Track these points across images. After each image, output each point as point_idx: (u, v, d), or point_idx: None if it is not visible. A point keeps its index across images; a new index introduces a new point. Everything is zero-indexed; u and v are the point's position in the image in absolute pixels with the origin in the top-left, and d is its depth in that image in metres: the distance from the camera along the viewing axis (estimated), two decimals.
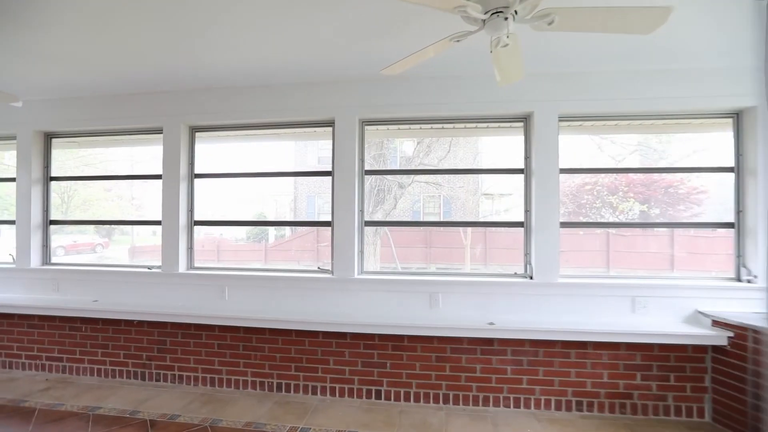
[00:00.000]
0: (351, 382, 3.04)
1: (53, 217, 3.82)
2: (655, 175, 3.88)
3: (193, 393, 3.15)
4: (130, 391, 3.19)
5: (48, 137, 3.78)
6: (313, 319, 2.95)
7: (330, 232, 3.22)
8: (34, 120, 3.66)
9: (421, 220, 6.80)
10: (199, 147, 3.53)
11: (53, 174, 3.81)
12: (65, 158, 4.13)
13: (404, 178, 6.33)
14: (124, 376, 3.38)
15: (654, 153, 3.85)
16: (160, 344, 3.31)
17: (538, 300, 2.96)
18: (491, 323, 2.81)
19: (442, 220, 6.65)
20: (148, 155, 3.82)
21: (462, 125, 3.29)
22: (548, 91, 2.96)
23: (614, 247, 4.58)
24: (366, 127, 3.27)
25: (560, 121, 2.99)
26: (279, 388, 3.12)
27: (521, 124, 3.16)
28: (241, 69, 2.94)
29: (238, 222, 3.97)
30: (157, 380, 3.32)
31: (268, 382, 3.13)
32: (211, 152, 3.61)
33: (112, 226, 4.59)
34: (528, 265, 3.08)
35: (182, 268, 3.39)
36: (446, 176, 6.61)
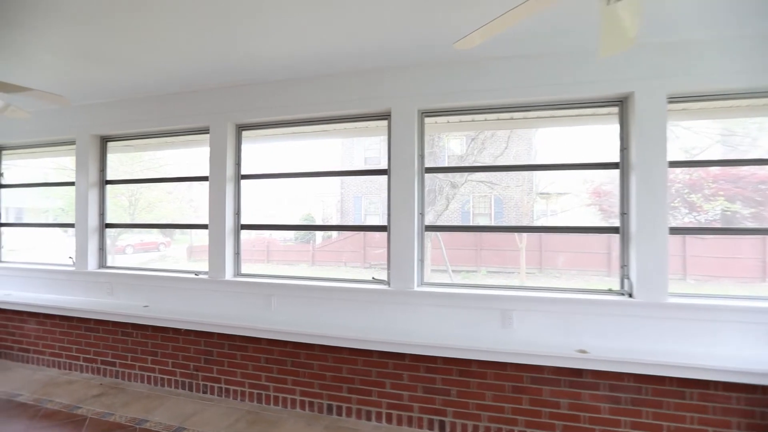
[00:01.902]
0: (410, 410, 2.66)
1: (121, 219, 3.85)
2: (743, 169, 3.20)
3: (240, 410, 2.93)
4: (177, 402, 3.05)
5: (104, 141, 3.80)
6: (366, 336, 2.61)
7: (383, 236, 2.88)
8: (91, 124, 3.68)
9: (471, 222, 6.31)
10: (245, 147, 3.34)
11: (108, 177, 3.83)
12: (131, 162, 4.17)
13: (457, 177, 5.85)
14: (172, 386, 3.26)
15: (744, 141, 3.10)
16: (207, 354, 3.14)
17: (640, 323, 2.41)
18: (582, 350, 2.31)
19: (494, 223, 6.07)
20: (202, 157, 3.73)
21: (536, 114, 2.79)
22: (654, 65, 2.40)
23: (691, 251, 3.99)
24: (426, 119, 2.88)
25: (669, 102, 2.41)
26: (329, 410, 2.82)
27: (615, 108, 2.61)
28: (289, 60, 2.68)
29: (286, 226, 3.75)
30: (204, 392, 3.16)
31: (318, 402, 2.84)
32: (257, 152, 3.41)
33: (189, 229, 4.59)
34: (625, 280, 2.53)
35: (229, 275, 3.21)
36: (500, 175, 6.06)
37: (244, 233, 3.35)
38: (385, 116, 2.93)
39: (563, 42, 2.39)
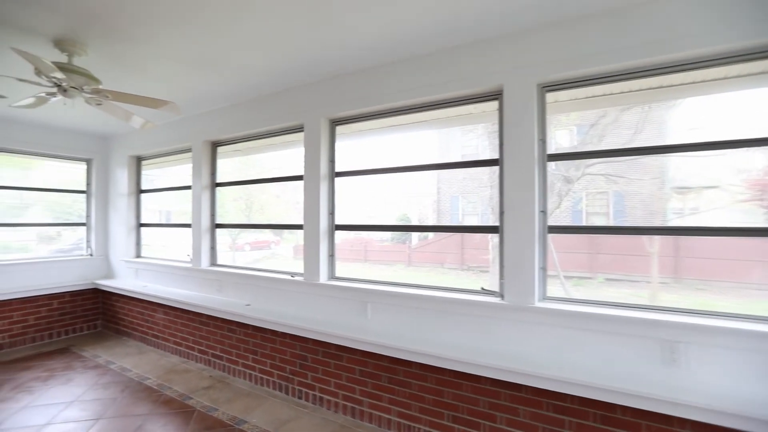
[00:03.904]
0: None
1: (239, 221, 4.13)
2: None
3: (333, 422, 2.75)
4: (274, 405, 3.00)
5: (214, 146, 4.05)
6: (475, 359, 2.18)
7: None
8: (203, 131, 3.95)
9: (584, 222, 5.31)
10: (339, 145, 3.18)
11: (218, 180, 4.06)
12: (245, 168, 4.44)
13: (572, 170, 5.01)
14: (270, 386, 3.24)
15: None
16: (302, 359, 3.04)
17: None
18: None
19: (612, 223, 5.01)
20: (301, 158, 3.74)
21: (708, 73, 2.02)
22: None
23: None
24: (547, 95, 2.33)
25: None
26: None
27: None
28: (383, 41, 2.40)
29: (384, 227, 3.50)
30: (299, 397, 3.06)
31: (416, 428, 2.49)
32: (351, 149, 3.23)
33: (285, 229, 4.79)
34: None
35: (323, 278, 3.07)
36: (623, 167, 5.00)
37: (339, 234, 3.20)
38: (495, 95, 2.46)
39: None
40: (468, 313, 2.41)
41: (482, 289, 2.49)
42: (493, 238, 3.42)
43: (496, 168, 2.47)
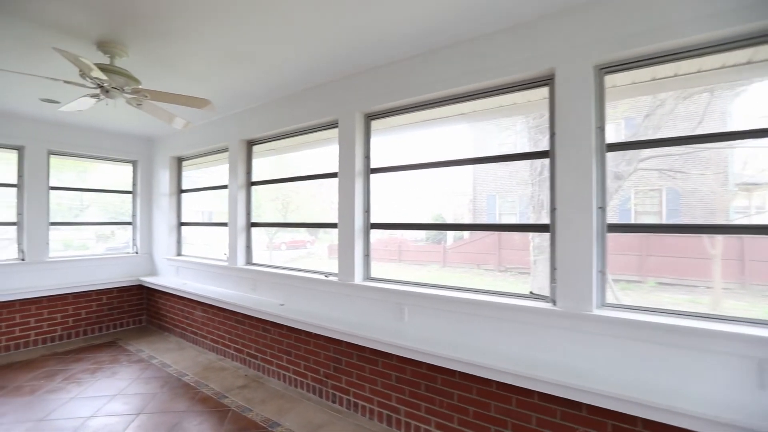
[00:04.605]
0: None
1: (276, 220, 4.14)
2: None
3: (368, 430, 2.62)
4: (308, 408, 2.92)
5: (249, 145, 4.06)
6: (525, 371, 1.97)
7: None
8: (239, 130, 3.96)
9: (633, 221, 4.85)
10: (374, 141, 3.06)
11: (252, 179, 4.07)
12: (279, 167, 4.46)
13: (623, 165, 4.60)
14: (304, 388, 3.17)
15: None
16: (336, 362, 2.94)
17: None
18: None
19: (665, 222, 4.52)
20: (335, 155, 3.67)
21: None
22: None
23: None
24: (606, 78, 2.08)
25: None
26: None
27: None
28: (421, 28, 2.25)
29: (423, 225, 3.33)
30: (333, 401, 2.97)
31: None
32: (386, 144, 3.10)
33: (318, 228, 4.78)
34: None
35: (358, 278, 2.96)
36: (680, 161, 4.52)
37: (374, 234, 3.07)
38: (545, 80, 2.23)
39: None
40: (515, 320, 2.20)
41: (531, 293, 2.27)
42: (534, 238, 3.17)
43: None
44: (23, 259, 4.31)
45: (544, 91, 2.28)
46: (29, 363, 3.84)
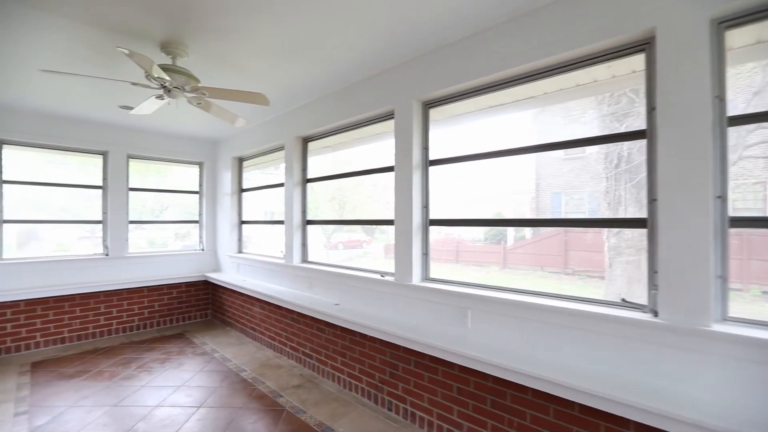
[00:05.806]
0: None
1: (327, 217, 4.15)
2: None
3: None
4: (362, 415, 2.77)
5: (305, 141, 4.03)
6: (620, 396, 1.62)
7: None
8: (294, 127, 3.96)
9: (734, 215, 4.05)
10: (432, 133, 2.84)
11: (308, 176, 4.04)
12: (336, 167, 4.43)
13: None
14: (359, 392, 3.03)
15: None
16: (392, 368, 2.76)
17: None
18: None
19: None
20: (391, 150, 3.52)
21: None
22: None
23: None
24: (726, 34, 1.66)
25: None
26: None
27: None
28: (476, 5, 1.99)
29: (488, 221, 3.04)
30: (389, 409, 2.79)
31: None
32: (445, 137, 2.86)
33: (374, 225, 4.70)
34: None
35: (416, 279, 2.75)
36: None
37: (432, 231, 2.85)
38: (640, 45, 1.86)
39: None
40: (603, 332, 1.85)
41: (623, 300, 1.90)
42: (610, 238, 2.76)
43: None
44: (107, 254, 4.71)
45: (634, 62, 1.91)
46: (110, 350, 4.15)
